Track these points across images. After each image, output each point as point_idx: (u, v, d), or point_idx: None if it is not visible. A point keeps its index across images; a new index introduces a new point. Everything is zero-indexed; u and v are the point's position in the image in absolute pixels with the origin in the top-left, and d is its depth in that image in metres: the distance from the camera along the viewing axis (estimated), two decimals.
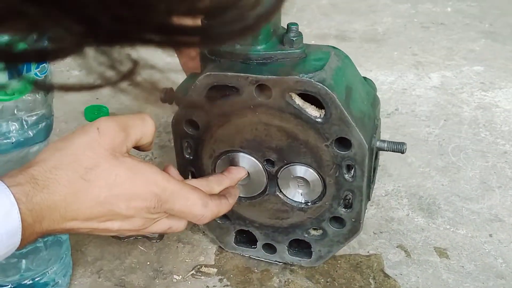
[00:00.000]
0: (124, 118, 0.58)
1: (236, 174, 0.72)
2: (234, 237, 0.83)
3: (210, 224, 0.81)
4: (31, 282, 0.70)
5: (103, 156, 0.54)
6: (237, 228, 0.82)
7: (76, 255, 0.83)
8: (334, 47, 0.74)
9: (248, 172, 0.74)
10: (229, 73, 0.66)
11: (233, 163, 0.74)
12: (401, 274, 0.84)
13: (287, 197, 0.77)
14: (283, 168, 0.74)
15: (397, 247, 0.89)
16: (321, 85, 0.65)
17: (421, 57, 1.67)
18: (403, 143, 0.74)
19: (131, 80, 0.34)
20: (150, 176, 0.56)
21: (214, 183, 0.67)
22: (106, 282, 0.79)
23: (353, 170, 0.72)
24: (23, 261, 0.68)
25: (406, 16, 2.03)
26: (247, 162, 0.74)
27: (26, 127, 0.59)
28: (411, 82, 1.48)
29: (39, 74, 0.58)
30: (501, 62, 1.66)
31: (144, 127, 0.59)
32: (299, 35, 0.69)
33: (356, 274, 0.83)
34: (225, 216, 0.80)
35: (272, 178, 0.75)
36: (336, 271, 0.84)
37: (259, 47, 0.68)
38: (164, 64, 1.51)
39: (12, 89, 0.56)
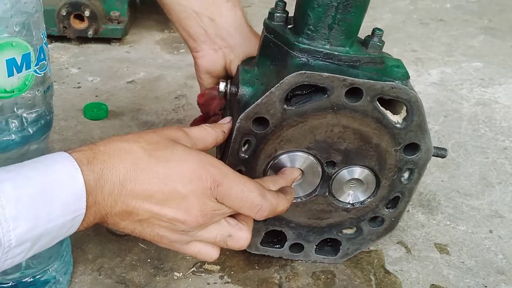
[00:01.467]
0: (185, 127, 0.64)
1: (290, 175, 0.71)
2: (261, 237, 0.82)
3: None
4: (31, 279, 0.70)
5: (163, 137, 0.58)
6: (270, 228, 0.80)
7: (77, 252, 0.82)
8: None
9: (302, 172, 0.73)
10: (325, 74, 0.64)
11: (291, 163, 0.72)
12: (402, 270, 0.84)
13: (336, 198, 0.76)
14: (341, 170, 0.73)
15: (397, 243, 0.89)
16: (414, 92, 0.67)
17: (421, 53, 1.67)
18: (445, 149, 0.76)
19: None
20: (205, 158, 0.58)
21: (269, 182, 0.67)
22: (107, 280, 0.79)
23: (411, 174, 0.74)
24: None
25: (405, 13, 2.03)
26: (305, 162, 0.72)
27: (25, 124, 0.59)
28: (411, 78, 1.48)
29: (38, 71, 0.58)
30: (501, 58, 1.66)
31: (203, 132, 0.65)
32: (383, 41, 0.69)
33: (356, 271, 0.83)
34: None
35: (326, 180, 0.74)
36: (337, 268, 0.84)
37: (348, 49, 0.68)
38: (164, 62, 1.51)
39: (12, 87, 0.56)
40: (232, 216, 0.62)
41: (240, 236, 0.61)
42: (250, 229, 0.63)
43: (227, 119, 0.69)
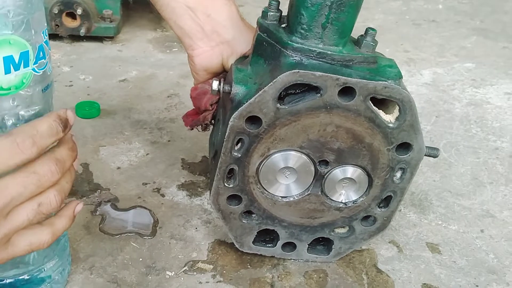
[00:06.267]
0: None
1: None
2: (254, 236, 0.81)
3: (231, 224, 0.79)
4: (28, 277, 0.69)
5: None
6: (262, 227, 0.80)
7: None
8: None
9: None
10: (318, 73, 0.64)
11: (284, 162, 0.72)
12: (394, 270, 0.84)
13: (329, 197, 0.76)
14: (334, 169, 0.73)
15: (389, 242, 0.90)
16: (406, 92, 0.67)
17: (413, 54, 1.68)
18: (437, 149, 0.76)
19: None
20: None
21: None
22: (98, 279, 0.78)
23: (403, 173, 0.75)
24: None
25: (398, 13, 2.04)
26: (298, 161, 0.72)
27: (23, 122, 0.59)
28: (403, 78, 1.48)
29: (37, 69, 0.58)
30: (493, 59, 1.67)
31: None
32: (376, 40, 0.69)
33: (348, 270, 0.83)
34: (251, 215, 0.79)
35: (319, 179, 0.74)
36: (329, 267, 0.84)
37: (341, 48, 0.68)
38: (156, 60, 1.51)
39: (9, 84, 0.55)
40: None
41: (48, 197, 0.55)
42: (56, 186, 0.56)
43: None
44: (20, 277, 0.69)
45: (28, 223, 0.54)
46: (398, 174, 0.75)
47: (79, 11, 1.51)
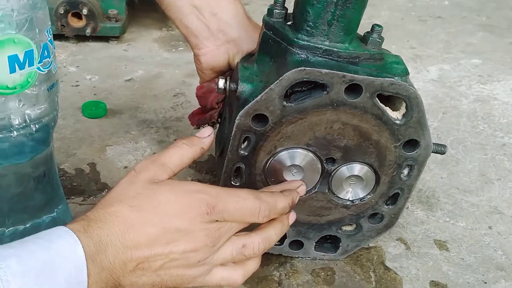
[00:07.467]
0: (158, 154, 0.62)
1: (289, 184, 0.72)
2: None
3: None
4: None
5: (142, 185, 0.58)
6: None
7: None
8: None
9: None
10: (324, 70, 0.64)
11: (290, 159, 0.72)
12: (401, 267, 0.84)
13: (336, 194, 0.76)
14: (341, 167, 0.73)
15: (397, 240, 0.90)
16: (413, 89, 0.67)
17: (419, 50, 1.67)
18: (444, 145, 0.75)
19: None
20: (191, 187, 0.58)
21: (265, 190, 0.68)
22: None
23: (410, 170, 0.74)
24: None
25: (404, 10, 2.03)
26: (305, 159, 0.72)
27: (28, 121, 0.59)
28: (409, 75, 1.48)
29: (42, 68, 0.58)
30: (499, 55, 1.66)
31: (179, 152, 0.62)
32: (382, 37, 0.69)
33: (356, 267, 0.83)
34: None
35: (326, 176, 0.74)
36: (336, 264, 0.84)
37: (348, 45, 0.68)
38: (162, 60, 1.51)
39: (14, 83, 0.56)
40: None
41: (253, 242, 0.61)
42: (263, 234, 0.63)
43: (207, 131, 0.66)
44: None
45: (231, 259, 0.61)
46: (405, 171, 0.75)
47: (84, 11, 1.51)
